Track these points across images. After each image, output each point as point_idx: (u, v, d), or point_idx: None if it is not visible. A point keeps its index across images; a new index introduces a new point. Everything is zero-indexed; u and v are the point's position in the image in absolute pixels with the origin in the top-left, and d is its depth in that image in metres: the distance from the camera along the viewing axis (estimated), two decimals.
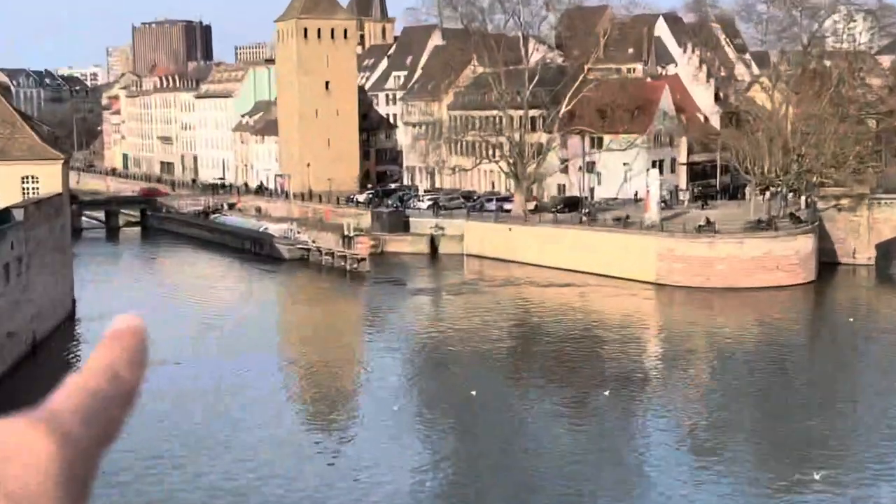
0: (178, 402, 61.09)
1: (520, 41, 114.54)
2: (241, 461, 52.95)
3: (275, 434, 58.26)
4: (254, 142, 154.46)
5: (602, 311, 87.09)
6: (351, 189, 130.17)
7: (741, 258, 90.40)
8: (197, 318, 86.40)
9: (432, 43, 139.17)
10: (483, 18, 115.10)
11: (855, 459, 52.90)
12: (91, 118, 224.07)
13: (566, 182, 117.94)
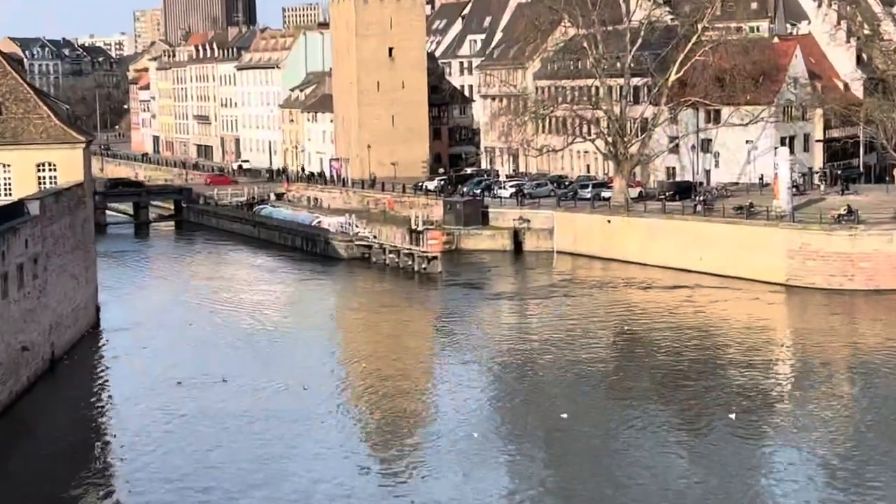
0: (224, 424, 60.20)
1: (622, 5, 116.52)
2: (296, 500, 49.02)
3: (334, 466, 55.16)
4: (305, 120, 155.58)
5: (721, 317, 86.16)
6: (419, 175, 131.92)
7: (891, 254, 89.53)
8: (240, 329, 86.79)
9: (515, 0, 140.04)
10: None
11: None
12: (117, 94, 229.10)
13: (676, 164, 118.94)
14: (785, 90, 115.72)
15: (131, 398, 65.35)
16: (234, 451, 55.97)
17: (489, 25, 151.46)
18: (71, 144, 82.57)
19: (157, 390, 66.13)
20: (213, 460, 54.32)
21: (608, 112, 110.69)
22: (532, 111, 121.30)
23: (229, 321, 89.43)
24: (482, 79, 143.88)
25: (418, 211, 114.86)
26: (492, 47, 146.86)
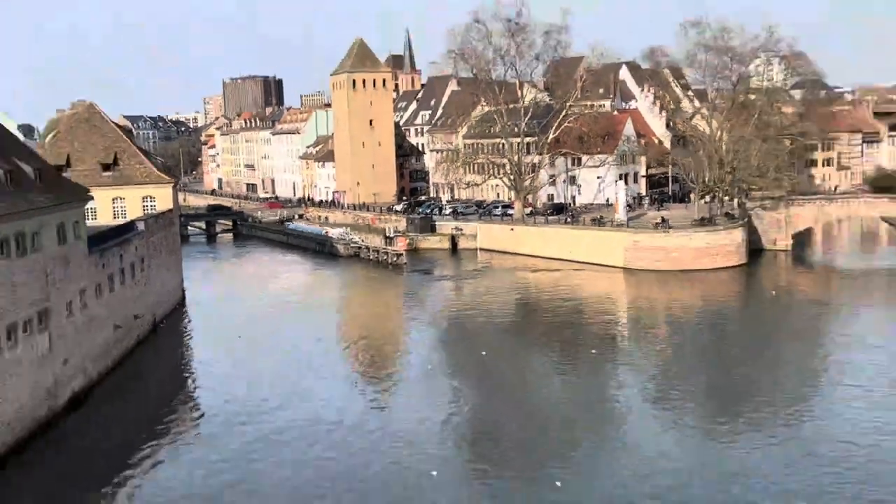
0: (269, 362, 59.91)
1: (517, 86, 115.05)
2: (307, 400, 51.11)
3: (334, 381, 57.70)
4: (316, 167, 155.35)
5: (584, 289, 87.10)
6: (390, 201, 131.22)
7: (689, 247, 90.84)
8: (277, 299, 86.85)
9: (450, 89, 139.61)
10: (488, 69, 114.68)
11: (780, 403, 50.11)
12: (193, 151, 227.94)
13: (554, 192, 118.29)
14: (621, 144, 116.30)
15: (207, 347, 65.85)
16: (277, 377, 55.98)
17: (433, 105, 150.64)
18: (164, 184, 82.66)
19: (224, 342, 66.22)
20: (264, 382, 54.63)
21: (510, 160, 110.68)
22: (462, 160, 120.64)
23: (269, 295, 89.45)
24: (430, 139, 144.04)
25: (390, 224, 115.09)
26: (436, 119, 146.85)
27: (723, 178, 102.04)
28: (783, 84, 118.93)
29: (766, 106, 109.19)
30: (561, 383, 58.11)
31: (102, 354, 55.86)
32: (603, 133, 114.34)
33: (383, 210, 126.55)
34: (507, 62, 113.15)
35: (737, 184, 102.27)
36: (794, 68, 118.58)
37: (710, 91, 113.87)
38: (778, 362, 62.98)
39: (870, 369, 57.16)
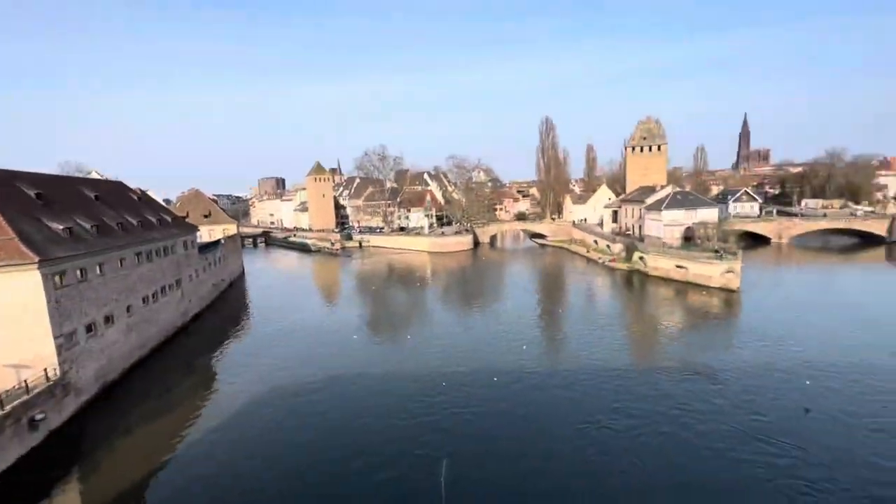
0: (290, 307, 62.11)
1: (384, 181, 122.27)
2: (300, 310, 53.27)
3: (312, 298, 60.91)
4: (301, 214, 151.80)
5: (414, 259, 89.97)
6: (332, 227, 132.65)
7: (452, 242, 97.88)
8: (288, 271, 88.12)
9: (356, 181, 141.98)
10: (371, 175, 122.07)
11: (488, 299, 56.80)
12: (244, 208, 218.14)
13: (401, 222, 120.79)
14: (426, 205, 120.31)
15: (255, 289, 66.34)
16: (286, 299, 59.24)
17: (351, 188, 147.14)
18: (231, 223, 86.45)
19: (262, 288, 66.66)
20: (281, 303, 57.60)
21: (383, 210, 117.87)
22: (362, 211, 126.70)
23: (282, 266, 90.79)
24: (348, 202, 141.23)
25: (334, 237, 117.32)
26: (352, 191, 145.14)
27: (464, 216, 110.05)
28: (485, 180, 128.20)
29: (479, 188, 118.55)
30: (406, 295, 60.41)
31: (207, 297, 55.66)
32: (418, 199, 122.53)
33: (330, 231, 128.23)
34: (379, 171, 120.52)
35: (469, 218, 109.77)
36: (488, 173, 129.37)
37: (458, 182, 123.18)
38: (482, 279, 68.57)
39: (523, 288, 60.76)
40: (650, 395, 27.02)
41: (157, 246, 43.25)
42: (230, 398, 29.10)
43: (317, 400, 27.97)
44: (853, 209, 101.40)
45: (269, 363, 34.82)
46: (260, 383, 31.11)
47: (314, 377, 31.42)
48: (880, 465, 19.79)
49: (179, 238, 49.37)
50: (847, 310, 43.57)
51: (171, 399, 29.94)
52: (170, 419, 26.93)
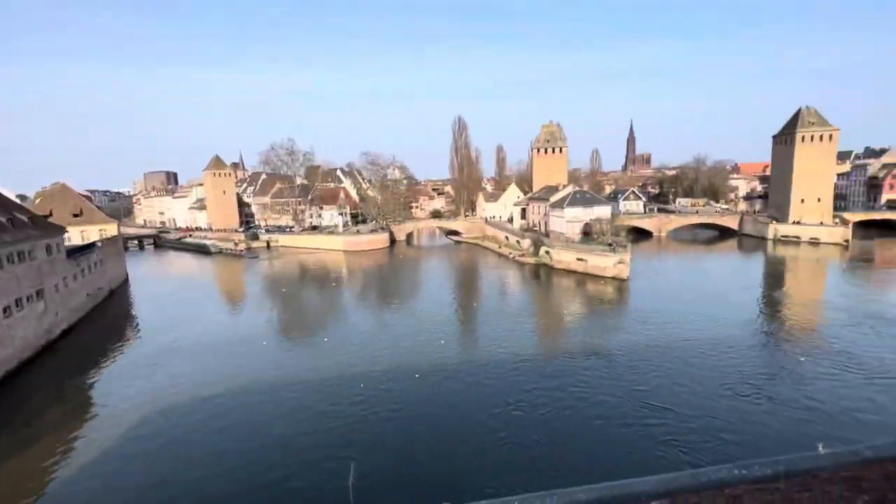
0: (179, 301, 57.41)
1: (293, 177, 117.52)
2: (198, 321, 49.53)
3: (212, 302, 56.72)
4: (198, 212, 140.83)
5: (328, 258, 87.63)
6: (236, 226, 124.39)
7: (367, 240, 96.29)
8: (182, 272, 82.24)
9: (262, 176, 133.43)
10: (281, 169, 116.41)
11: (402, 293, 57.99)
12: (126, 206, 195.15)
13: (313, 221, 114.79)
14: (340, 203, 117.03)
15: (143, 301, 60.58)
16: (180, 307, 55.45)
17: (255, 185, 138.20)
18: (111, 223, 78.42)
19: (154, 300, 60.15)
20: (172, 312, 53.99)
21: (293, 208, 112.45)
22: (270, 208, 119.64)
23: (177, 274, 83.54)
24: (253, 199, 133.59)
25: (237, 237, 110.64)
26: (257, 188, 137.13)
27: (379, 214, 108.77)
28: (400, 177, 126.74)
29: (394, 186, 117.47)
30: (320, 296, 59.50)
31: (80, 308, 51.05)
32: (331, 197, 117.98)
33: (233, 231, 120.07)
34: (288, 166, 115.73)
35: (385, 216, 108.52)
36: (403, 170, 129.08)
37: (373, 180, 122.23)
38: (398, 277, 69.48)
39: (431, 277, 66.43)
40: (555, 377, 29.12)
41: (8, 251, 37.67)
42: (112, 424, 26.14)
43: (219, 416, 26.03)
44: (714, 207, 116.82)
45: (161, 381, 31.76)
46: (149, 405, 28.24)
47: (217, 392, 29.11)
48: (730, 421, 23.41)
49: (40, 241, 43.51)
50: (710, 291, 50.77)
51: (35, 432, 26.11)
52: (35, 456, 23.48)
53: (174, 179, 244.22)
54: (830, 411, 24.32)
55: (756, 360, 31.62)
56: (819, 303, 46.77)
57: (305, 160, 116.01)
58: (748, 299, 47.91)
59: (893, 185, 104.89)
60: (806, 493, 4.45)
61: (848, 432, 22.05)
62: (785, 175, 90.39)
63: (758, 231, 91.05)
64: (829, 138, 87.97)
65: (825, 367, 30.14)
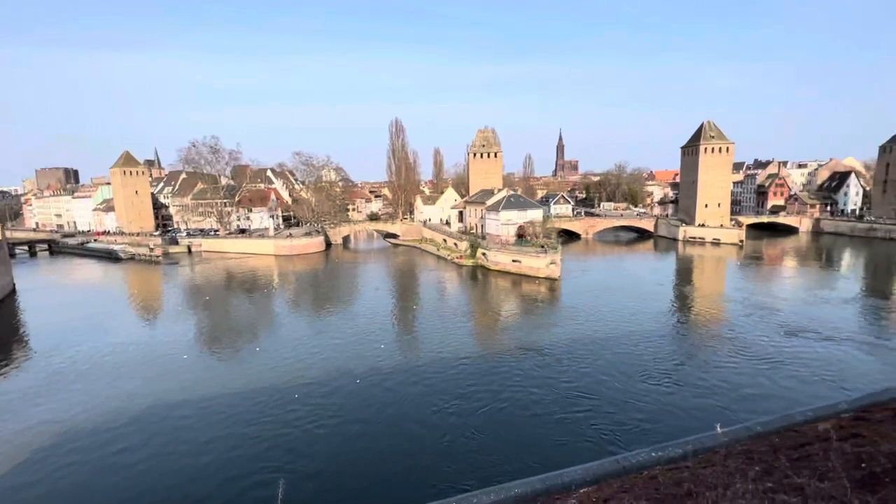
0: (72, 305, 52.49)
1: (218, 176, 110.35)
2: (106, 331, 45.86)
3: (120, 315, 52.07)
4: (104, 214, 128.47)
5: (257, 263, 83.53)
6: (152, 230, 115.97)
7: (302, 243, 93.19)
8: (84, 281, 74.65)
9: (182, 175, 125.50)
10: (204, 168, 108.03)
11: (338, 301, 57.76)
12: (13, 207, 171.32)
13: (240, 224, 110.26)
14: (270, 204, 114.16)
15: (34, 315, 55.30)
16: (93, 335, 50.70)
17: (174, 185, 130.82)
18: None
19: (48, 314, 55.33)
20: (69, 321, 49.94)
21: (217, 210, 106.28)
22: (191, 210, 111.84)
23: (78, 284, 75.64)
24: (171, 200, 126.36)
25: (154, 241, 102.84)
26: (176, 189, 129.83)
27: (314, 216, 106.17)
28: (335, 179, 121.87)
29: (329, 188, 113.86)
30: (250, 304, 56.56)
31: None
32: (260, 199, 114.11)
33: (148, 235, 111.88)
34: (212, 165, 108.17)
35: (320, 219, 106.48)
36: (338, 172, 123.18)
37: (307, 181, 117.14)
38: (335, 282, 67.60)
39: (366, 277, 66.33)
40: (492, 375, 30.04)
41: None
42: None
43: (128, 445, 23.61)
44: (634, 211, 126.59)
45: (57, 408, 28.15)
46: (42, 435, 24.93)
47: (126, 417, 26.43)
48: (647, 407, 25.53)
49: None
50: (630, 287, 54.57)
51: None
52: None
53: (74, 177, 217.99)
54: (729, 391, 26.95)
55: (668, 348, 34.48)
56: (719, 296, 51.59)
57: (232, 159, 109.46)
58: (662, 294, 52.11)
59: (776, 193, 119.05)
60: (710, 469, 4.98)
61: (744, 408, 24.61)
62: (691, 182, 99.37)
63: (670, 233, 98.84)
64: (726, 150, 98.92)
65: (724, 352, 33.32)
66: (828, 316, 42.03)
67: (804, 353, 32.98)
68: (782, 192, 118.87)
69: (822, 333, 37.03)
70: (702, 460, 5.24)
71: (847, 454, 4.56)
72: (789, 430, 6.46)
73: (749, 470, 4.42)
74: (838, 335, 36.57)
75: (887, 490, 3.54)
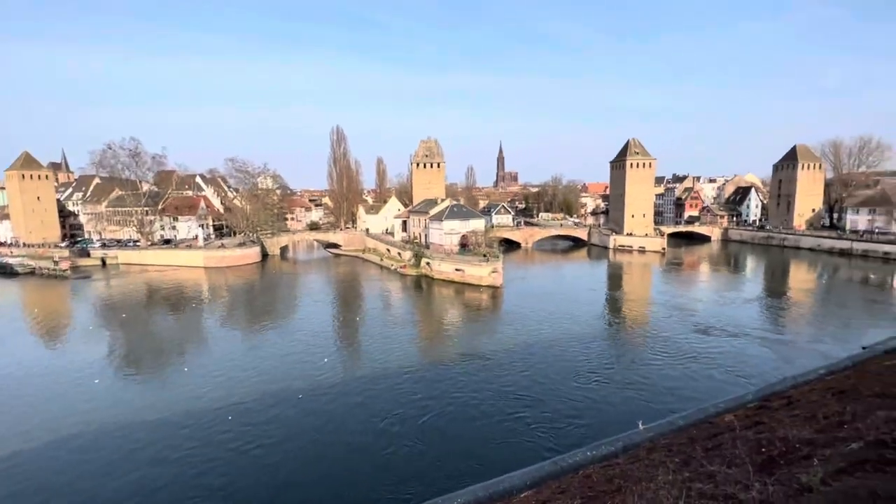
0: None
1: (138, 182, 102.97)
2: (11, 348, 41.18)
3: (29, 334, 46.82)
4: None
5: (184, 276, 79.09)
6: (57, 241, 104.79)
7: (238, 255, 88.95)
8: None
9: (95, 181, 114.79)
10: (122, 172, 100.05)
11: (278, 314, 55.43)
12: None
13: (165, 233, 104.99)
14: (200, 212, 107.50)
15: None
16: None
17: (84, 190, 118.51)
18: None
19: None
20: None
21: (137, 219, 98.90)
22: (106, 218, 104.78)
23: None
24: (82, 207, 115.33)
25: (59, 253, 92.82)
26: (88, 195, 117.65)
27: (249, 226, 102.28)
28: (272, 186, 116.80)
29: (266, 196, 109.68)
30: (176, 321, 53.19)
31: None
32: (188, 206, 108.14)
33: (52, 246, 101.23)
34: (132, 170, 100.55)
35: (256, 228, 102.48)
36: (276, 179, 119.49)
37: (242, 188, 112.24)
38: (273, 294, 64.74)
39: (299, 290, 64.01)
40: (436, 383, 30.34)
41: None
42: None
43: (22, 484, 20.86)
44: (570, 221, 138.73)
45: None
46: None
47: (21, 457, 23.38)
48: (581, 407, 26.58)
49: None
50: (567, 293, 57.42)
51: None
52: None
53: None
54: (653, 387, 29.06)
55: (600, 349, 36.57)
56: (645, 299, 55.34)
57: (156, 164, 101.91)
58: (595, 299, 55.47)
59: (692, 205, 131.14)
60: (637, 464, 5.40)
61: (666, 401, 26.54)
62: (620, 195, 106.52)
63: (602, 242, 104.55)
64: (649, 165, 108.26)
65: (649, 351, 35.94)
66: (735, 314, 46.31)
67: (716, 348, 36.13)
68: (697, 204, 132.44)
69: (729, 330, 40.78)
70: (630, 456, 5.70)
71: (750, 441, 5.03)
72: (704, 422, 7.26)
73: (670, 462, 4.87)
74: (743, 332, 40.40)
75: (781, 471, 3.90)
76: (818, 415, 5.56)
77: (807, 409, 6.32)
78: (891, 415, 4.65)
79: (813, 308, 49.91)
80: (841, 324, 42.70)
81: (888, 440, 3.92)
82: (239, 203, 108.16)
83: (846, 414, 5.21)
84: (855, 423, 4.67)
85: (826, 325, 42.75)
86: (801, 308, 49.91)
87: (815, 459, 3.89)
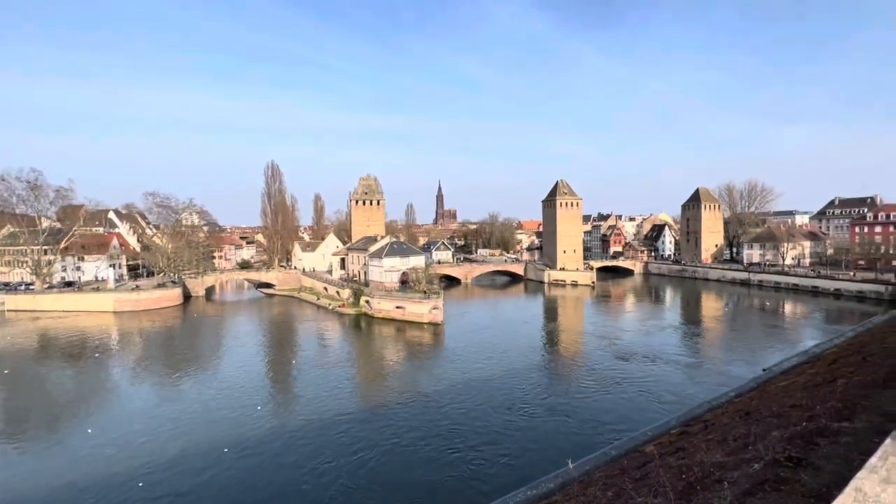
0: None
1: (36, 217, 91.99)
2: None
3: None
4: None
5: (86, 322, 70.21)
6: None
7: (154, 297, 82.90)
8: None
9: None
10: (16, 207, 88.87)
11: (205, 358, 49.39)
12: None
13: (66, 275, 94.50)
14: (111, 251, 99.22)
15: None
16: None
17: None
18: None
19: None
20: None
21: (32, 259, 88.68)
22: None
23: None
24: None
25: None
26: None
27: (169, 265, 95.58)
28: (198, 223, 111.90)
29: (191, 233, 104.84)
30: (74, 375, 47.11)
31: None
32: (98, 244, 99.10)
33: None
34: (29, 204, 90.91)
35: (177, 268, 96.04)
36: (203, 215, 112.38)
37: (163, 225, 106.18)
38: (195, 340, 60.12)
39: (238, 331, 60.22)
40: (375, 425, 29.79)
41: None
42: None
43: None
44: (506, 256, 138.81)
45: None
46: None
47: None
48: (519, 441, 27.17)
49: None
50: (505, 327, 58.81)
51: None
52: None
53: None
54: (586, 417, 30.29)
55: (536, 381, 37.50)
56: (577, 331, 57.50)
57: (59, 197, 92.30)
58: (531, 332, 56.82)
59: (616, 241, 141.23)
60: (573, 500, 5.52)
61: (597, 430, 27.69)
62: (552, 231, 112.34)
63: (537, 276, 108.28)
64: (576, 205, 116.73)
65: (582, 381, 37.45)
66: (657, 342, 49.41)
67: (641, 375, 38.31)
68: (620, 241, 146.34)
69: (651, 357, 43.39)
70: (567, 493, 5.79)
71: (672, 468, 5.43)
72: (634, 451, 7.67)
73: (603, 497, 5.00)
74: (665, 358, 43.19)
75: (698, 497, 4.02)
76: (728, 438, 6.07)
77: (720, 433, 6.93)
78: (783, 434, 4.97)
79: (722, 333, 53.92)
80: (745, 348, 46.35)
81: (781, 459, 4.15)
82: (159, 241, 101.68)
83: (750, 436, 5.53)
84: (757, 445, 4.92)
85: (734, 349, 46.36)
86: (712, 334, 53.91)
87: (726, 483, 4.05)
